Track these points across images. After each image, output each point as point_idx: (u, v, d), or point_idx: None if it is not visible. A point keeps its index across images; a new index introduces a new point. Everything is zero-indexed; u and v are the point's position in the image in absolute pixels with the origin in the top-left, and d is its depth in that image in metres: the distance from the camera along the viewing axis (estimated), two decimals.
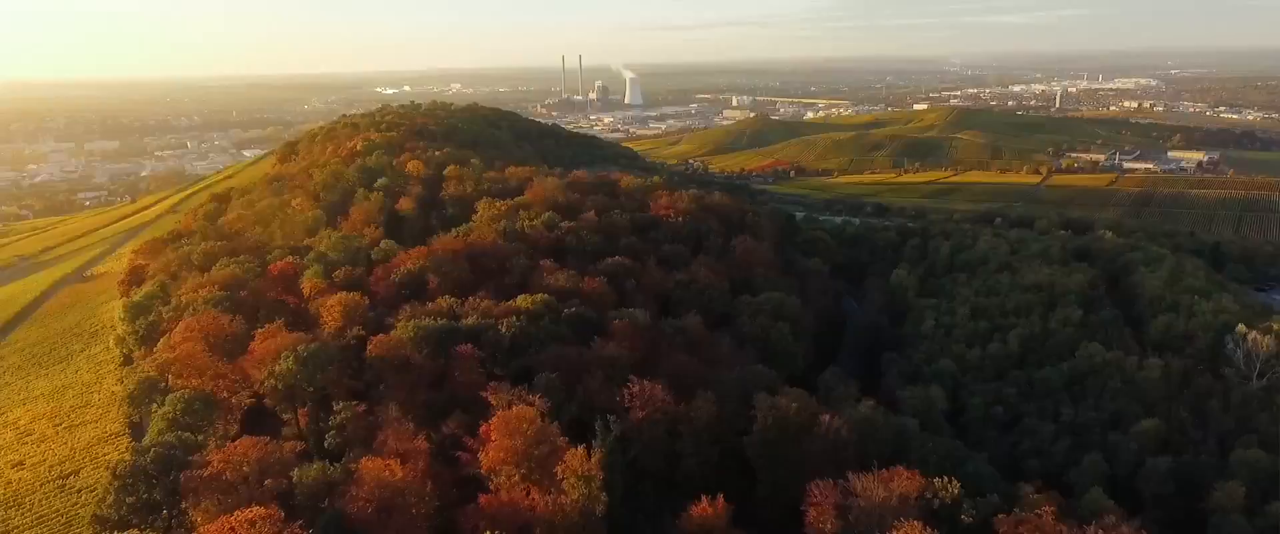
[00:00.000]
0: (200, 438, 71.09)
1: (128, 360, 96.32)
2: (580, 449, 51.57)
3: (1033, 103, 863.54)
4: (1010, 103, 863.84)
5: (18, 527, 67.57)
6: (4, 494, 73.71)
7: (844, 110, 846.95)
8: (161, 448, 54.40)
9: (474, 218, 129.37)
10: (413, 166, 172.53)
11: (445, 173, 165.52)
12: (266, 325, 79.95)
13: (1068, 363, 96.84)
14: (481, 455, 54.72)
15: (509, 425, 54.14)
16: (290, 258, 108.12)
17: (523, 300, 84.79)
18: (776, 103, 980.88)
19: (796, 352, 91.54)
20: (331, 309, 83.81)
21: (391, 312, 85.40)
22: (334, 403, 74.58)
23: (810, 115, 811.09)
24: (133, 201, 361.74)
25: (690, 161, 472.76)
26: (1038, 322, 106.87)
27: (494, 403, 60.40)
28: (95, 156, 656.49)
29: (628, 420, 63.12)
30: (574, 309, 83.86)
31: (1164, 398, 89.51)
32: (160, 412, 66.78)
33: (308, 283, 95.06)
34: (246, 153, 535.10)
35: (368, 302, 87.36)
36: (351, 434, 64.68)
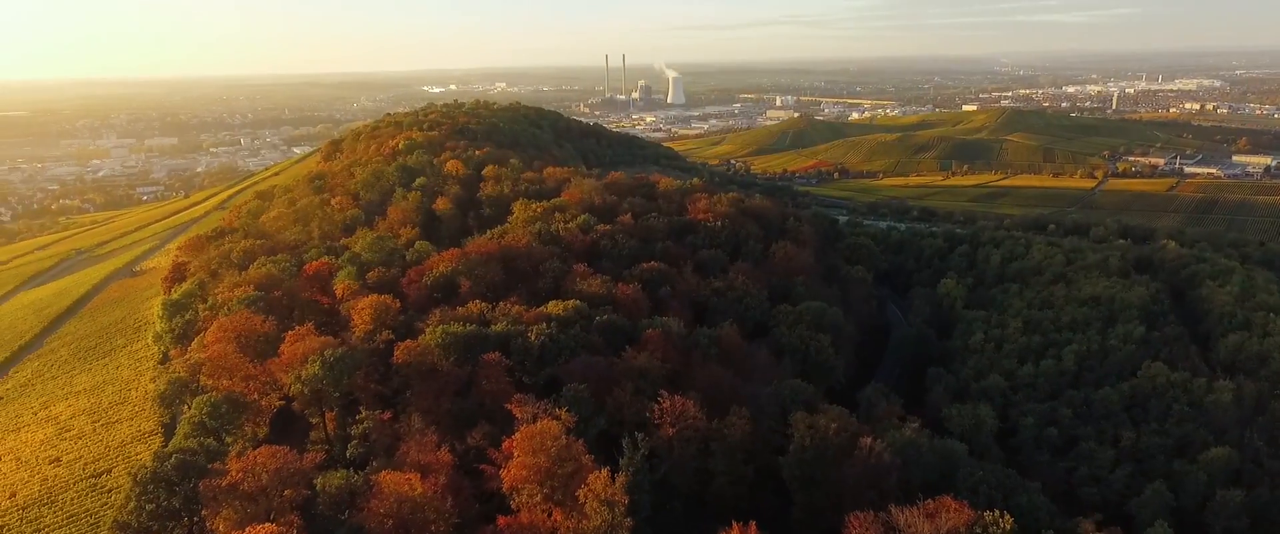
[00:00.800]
0: (227, 441, 70.92)
1: (165, 358, 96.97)
2: (604, 472, 49.12)
3: (1087, 104, 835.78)
4: (1063, 104, 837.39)
5: (49, 525, 67.86)
6: (39, 491, 74.27)
7: (890, 111, 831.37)
8: (182, 455, 53.61)
9: (510, 219, 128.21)
10: (452, 166, 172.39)
11: (484, 173, 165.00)
12: (297, 327, 79.17)
13: (1128, 383, 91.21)
14: (503, 473, 52.66)
15: (532, 441, 51.96)
16: (326, 258, 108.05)
17: (554, 306, 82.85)
18: (821, 103, 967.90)
19: (837, 365, 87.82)
20: (362, 312, 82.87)
21: (422, 315, 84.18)
22: (360, 408, 73.77)
23: (855, 116, 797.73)
24: (186, 197, 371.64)
25: (732, 162, 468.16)
26: (1096, 337, 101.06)
27: (518, 416, 58.35)
28: (154, 152, 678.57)
29: (657, 437, 60.60)
30: (606, 317, 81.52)
31: (1236, 423, 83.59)
32: (186, 415, 66.32)
33: (340, 284, 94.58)
34: (296, 149, 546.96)
35: (399, 304, 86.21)
36: (375, 442, 63.33)
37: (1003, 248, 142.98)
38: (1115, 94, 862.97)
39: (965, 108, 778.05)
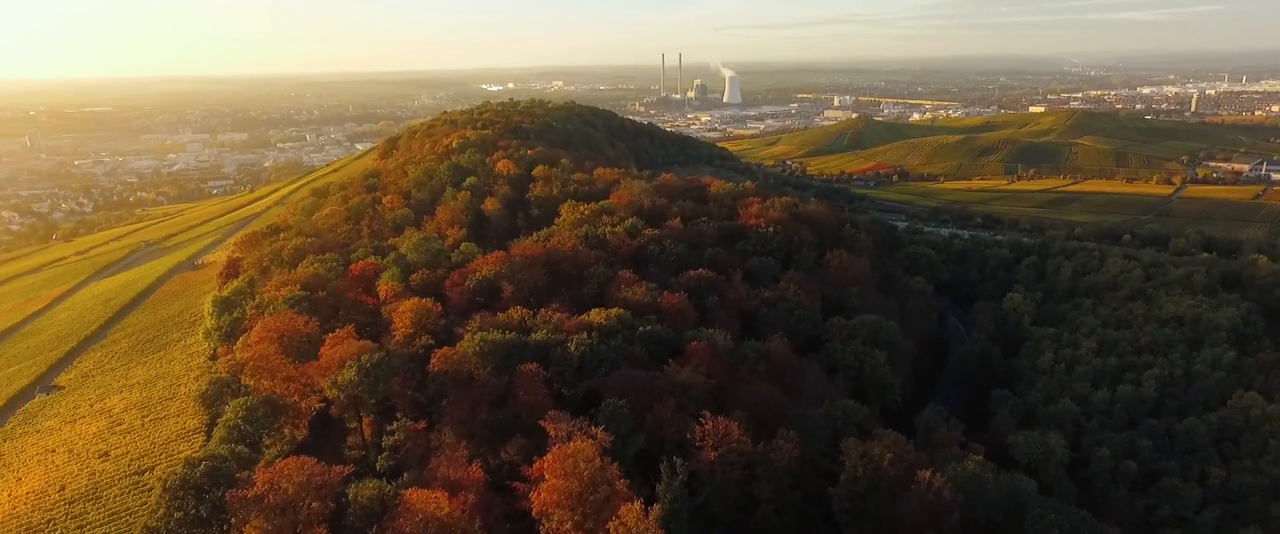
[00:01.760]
0: (266, 441, 70.44)
1: (214, 355, 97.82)
2: (637, 504, 46.16)
3: (1164, 106, 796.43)
4: (1138, 106, 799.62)
5: (92, 522, 68.31)
6: (87, 486, 75.10)
7: (952, 112, 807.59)
8: (212, 461, 52.80)
9: (557, 221, 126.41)
10: (503, 166, 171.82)
11: (534, 173, 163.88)
12: (338, 330, 78.46)
13: (1217, 413, 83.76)
14: (533, 496, 50.15)
15: (564, 463, 49.33)
16: (372, 258, 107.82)
17: (596, 314, 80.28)
18: (880, 103, 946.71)
19: (893, 384, 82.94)
20: (403, 315, 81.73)
21: (463, 320, 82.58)
22: (396, 414, 72.47)
23: (916, 117, 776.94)
24: (251, 191, 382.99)
25: (787, 163, 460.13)
26: (1179, 361, 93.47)
27: (552, 434, 55.83)
28: (226, 147, 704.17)
29: (698, 459, 57.41)
30: (649, 327, 78.51)
31: None
32: (223, 419, 65.94)
33: (384, 285, 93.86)
34: (358, 145, 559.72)
35: (440, 308, 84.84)
36: (408, 453, 61.70)
37: (1075, 260, 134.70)
38: (1195, 96, 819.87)
39: (1032, 109, 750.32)
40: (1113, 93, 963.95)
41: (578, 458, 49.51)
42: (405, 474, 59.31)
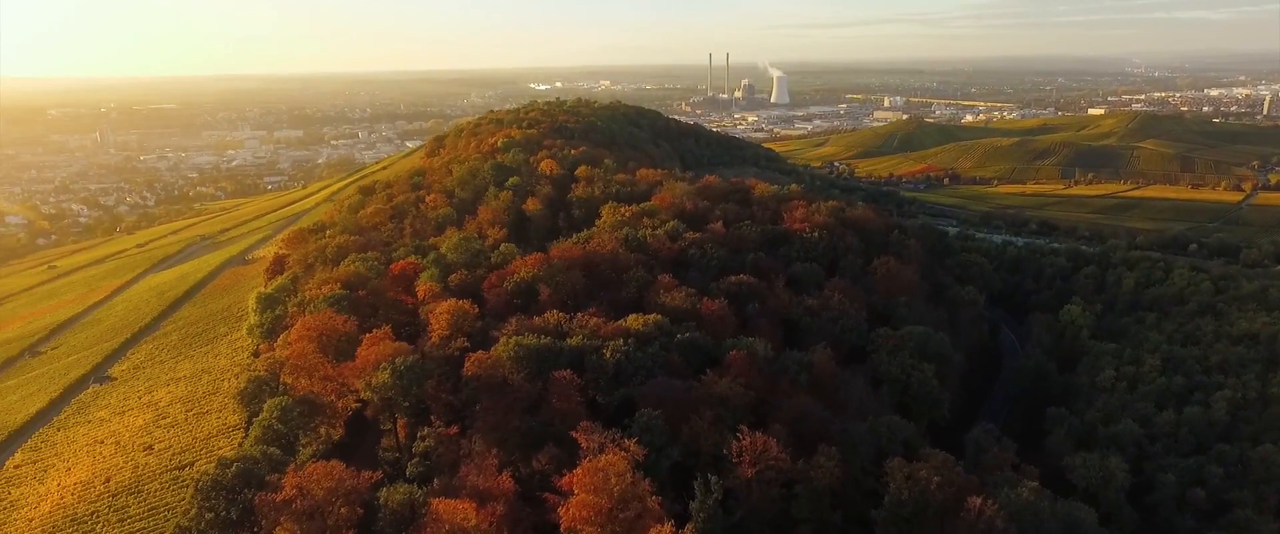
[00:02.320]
0: (300, 441, 70.58)
1: (257, 352, 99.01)
2: (668, 526, 44.34)
3: (1233, 109, 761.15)
4: (1205, 108, 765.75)
5: (133, 516, 69.30)
6: (130, 479, 76.37)
7: (1007, 114, 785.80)
8: (244, 463, 52.75)
9: (598, 222, 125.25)
10: (546, 165, 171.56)
11: (576, 173, 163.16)
12: (375, 330, 78.36)
13: None
14: (562, 510, 48.72)
15: (595, 477, 47.79)
16: (413, 257, 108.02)
17: (633, 320, 78.66)
18: (932, 104, 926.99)
19: (941, 399, 79.44)
20: (440, 317, 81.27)
21: (499, 322, 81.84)
22: (431, 417, 71.99)
23: (969, 118, 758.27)
24: (303, 187, 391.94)
25: (835, 164, 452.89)
26: (1253, 383, 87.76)
27: (583, 445, 54.35)
28: (281, 144, 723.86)
29: (734, 476, 55.33)
30: (688, 334, 76.54)
31: None
32: (258, 418, 66.20)
33: (422, 286, 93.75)
34: (409, 143, 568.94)
35: (476, 310, 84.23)
36: (439, 459, 60.95)
37: (1137, 270, 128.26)
38: (1267, 97, 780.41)
39: (1091, 111, 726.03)
40: (1178, 94, 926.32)
41: (609, 472, 47.92)
42: (436, 480, 58.53)
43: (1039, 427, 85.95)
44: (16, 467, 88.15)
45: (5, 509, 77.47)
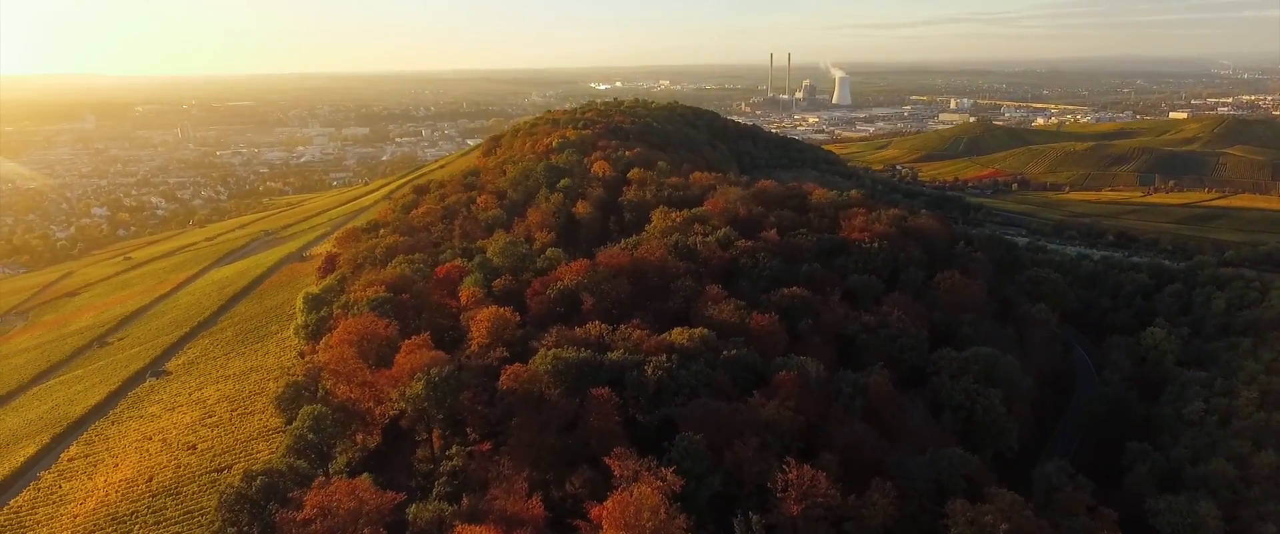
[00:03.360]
0: (336, 448, 69.46)
1: (303, 354, 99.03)
2: None
3: None
4: None
5: (169, 518, 69.23)
6: (171, 479, 76.63)
7: (1081, 117, 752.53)
8: (269, 476, 51.41)
9: (647, 227, 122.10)
10: (599, 167, 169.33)
11: (629, 175, 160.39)
12: (414, 337, 76.81)
13: None
14: None
15: (626, 512, 44.60)
16: (459, 260, 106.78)
17: (677, 334, 75.19)
18: (1001, 107, 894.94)
19: (1009, 429, 73.55)
20: (480, 324, 79.39)
21: (540, 332, 79.38)
22: (466, 429, 69.95)
23: (1040, 121, 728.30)
24: (365, 184, 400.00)
25: (897, 167, 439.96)
26: None
27: (617, 473, 51.19)
28: (348, 141, 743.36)
29: (779, 512, 51.42)
30: (735, 351, 72.65)
31: None
32: (292, 426, 65.15)
33: (465, 291, 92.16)
34: (470, 141, 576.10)
35: (518, 318, 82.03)
36: (469, 477, 58.67)
37: (1229, 290, 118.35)
38: None
39: (1173, 115, 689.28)
40: (1269, 97, 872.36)
41: (641, 507, 44.66)
42: (465, 498, 56.19)
43: (1117, 462, 78.77)
44: (71, 459, 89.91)
45: (55, 503, 78.73)
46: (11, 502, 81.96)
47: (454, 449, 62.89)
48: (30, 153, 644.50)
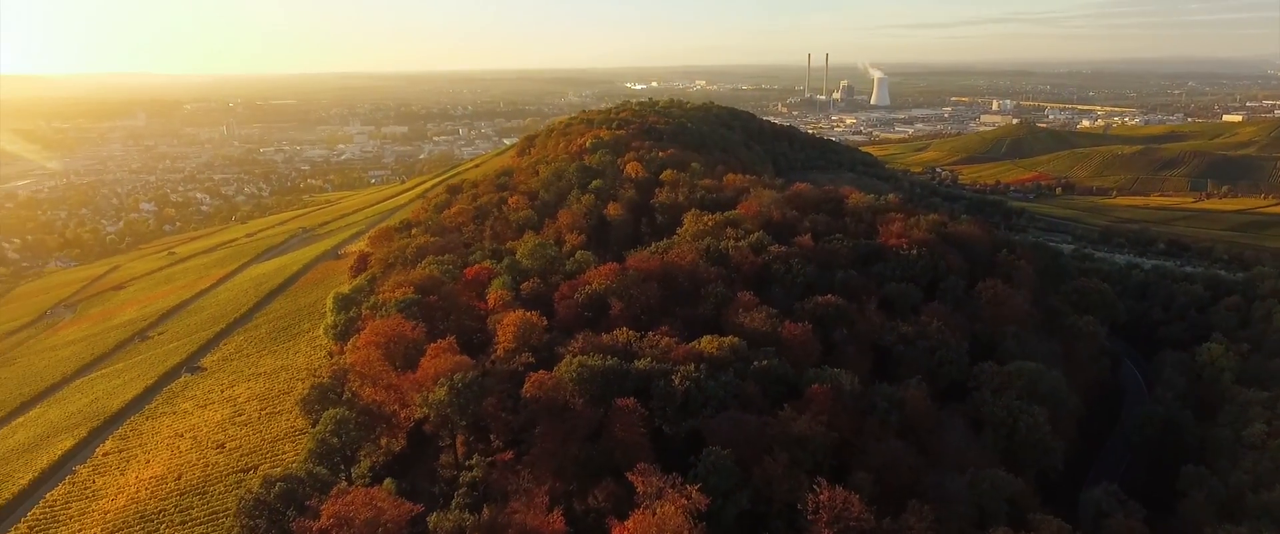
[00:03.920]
0: (361, 452, 68.93)
1: (331, 354, 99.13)
2: None
3: None
4: None
5: (195, 517, 69.29)
6: (199, 477, 76.87)
7: (1129, 119, 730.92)
8: (288, 483, 50.76)
9: (679, 231, 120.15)
10: (631, 168, 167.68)
11: (661, 177, 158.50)
12: (440, 340, 75.99)
13: None
14: None
15: (648, 532, 42.79)
16: (488, 262, 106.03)
17: (707, 342, 73.29)
18: (1045, 108, 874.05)
19: (1054, 448, 70.09)
20: (507, 328, 78.32)
21: (566, 337, 78.10)
22: (490, 436, 68.88)
23: (1085, 123, 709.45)
24: (402, 183, 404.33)
25: (937, 170, 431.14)
26: None
27: (640, 489, 49.50)
28: (387, 139, 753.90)
29: None
30: (766, 362, 70.46)
31: None
32: (315, 430, 64.66)
33: (493, 293, 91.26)
34: (506, 140, 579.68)
35: (545, 322, 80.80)
36: (490, 486, 57.48)
37: None
38: None
39: (1226, 118, 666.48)
40: None
41: (664, 527, 42.93)
42: (485, 508, 54.95)
43: (1170, 487, 74.57)
44: (105, 454, 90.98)
45: (87, 498, 79.54)
46: (47, 495, 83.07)
47: (475, 458, 61.85)
48: (85, 148, 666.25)
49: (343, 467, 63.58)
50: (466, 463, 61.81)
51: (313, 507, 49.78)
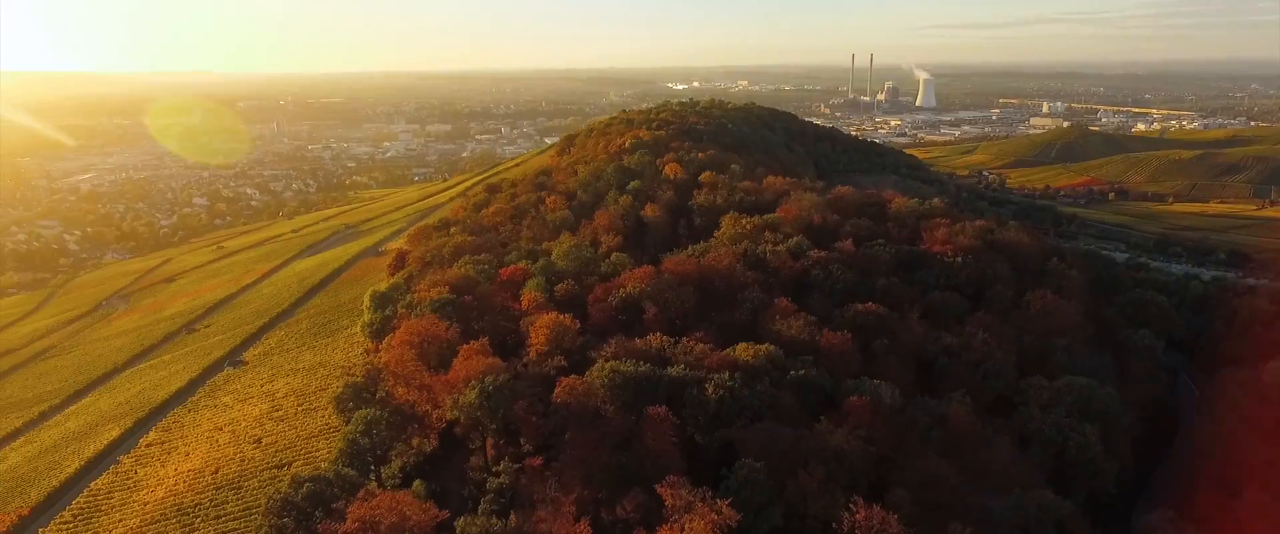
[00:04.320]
0: (392, 451, 69.00)
1: (367, 352, 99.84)
2: None
3: None
4: None
5: (230, 512, 70.05)
6: (235, 472, 77.85)
7: (1187, 123, 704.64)
8: (315, 484, 50.75)
9: (716, 234, 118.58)
10: (670, 169, 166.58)
11: (700, 178, 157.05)
12: (473, 342, 75.74)
13: None
14: None
15: None
16: (523, 262, 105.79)
17: (743, 350, 71.71)
18: (1098, 111, 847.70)
19: (1106, 468, 66.90)
20: (540, 331, 77.75)
21: (599, 340, 77.21)
22: (521, 439, 68.34)
23: (1141, 127, 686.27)
24: (444, 181, 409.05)
25: (984, 173, 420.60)
26: None
27: (668, 503, 48.27)
28: (431, 138, 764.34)
29: None
30: (803, 372, 68.62)
31: None
32: (346, 429, 64.79)
33: (527, 295, 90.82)
34: (547, 140, 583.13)
35: (578, 325, 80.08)
36: (518, 493, 56.84)
37: None
38: None
39: None
40: None
41: None
42: (513, 515, 54.32)
43: (1234, 512, 70.88)
44: (148, 445, 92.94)
45: (129, 489, 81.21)
46: (93, 483, 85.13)
47: (503, 464, 61.26)
48: (146, 144, 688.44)
49: (373, 467, 63.61)
50: (494, 469, 61.27)
51: (339, 509, 49.70)
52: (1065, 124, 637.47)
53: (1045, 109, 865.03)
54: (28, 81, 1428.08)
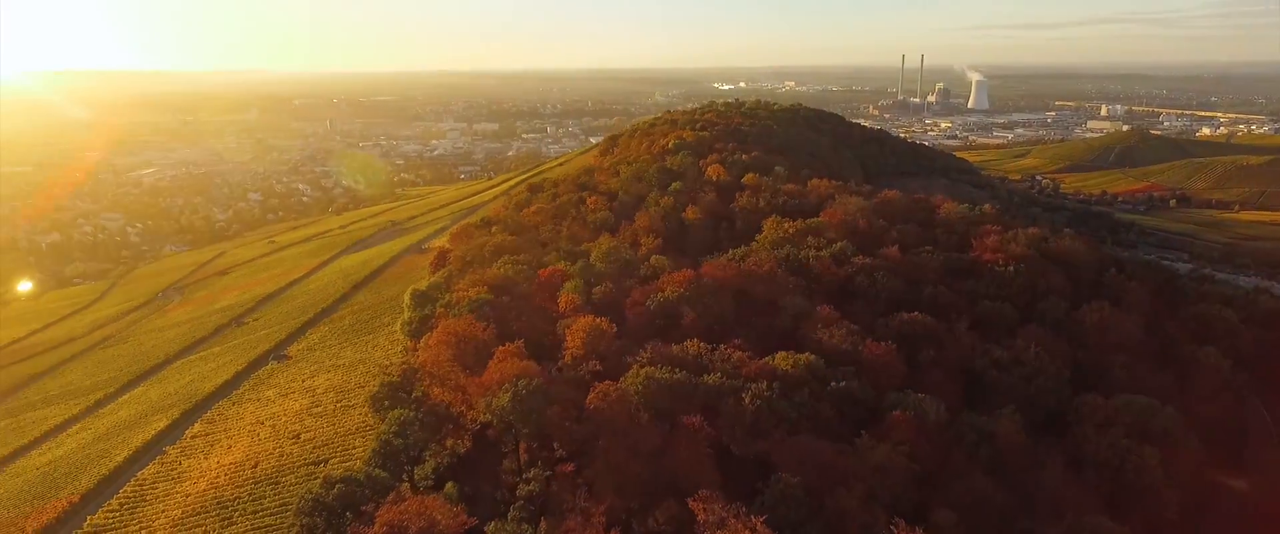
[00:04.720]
0: (426, 452, 68.92)
1: (405, 350, 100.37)
2: None
3: None
4: None
5: (267, 507, 70.71)
6: (274, 467, 78.74)
7: (1256, 127, 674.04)
8: (347, 485, 50.69)
9: (758, 237, 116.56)
10: (713, 171, 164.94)
11: (743, 180, 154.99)
12: (509, 344, 75.33)
13: None
14: None
15: None
16: (562, 263, 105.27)
17: (782, 359, 69.82)
18: (1159, 115, 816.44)
19: (1168, 496, 63.24)
20: (576, 334, 77.01)
21: (636, 345, 76.03)
22: (554, 444, 67.56)
23: (1206, 131, 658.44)
24: (489, 179, 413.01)
25: (1037, 178, 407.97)
26: None
27: (701, 518, 46.88)
28: (478, 136, 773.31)
29: None
30: (844, 383, 66.48)
31: None
32: (379, 430, 64.83)
33: (564, 297, 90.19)
34: (592, 139, 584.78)
35: (615, 329, 79.04)
36: (548, 500, 56.05)
37: None
38: None
39: None
40: None
41: None
42: (542, 523, 53.55)
43: None
44: (193, 437, 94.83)
45: (173, 479, 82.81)
46: (139, 473, 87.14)
47: (535, 471, 60.54)
48: (205, 141, 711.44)
49: (407, 466, 63.55)
50: (526, 474, 60.64)
51: (368, 512, 49.55)
52: (1124, 127, 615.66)
53: (1104, 112, 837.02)
54: (98, 80, 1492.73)
